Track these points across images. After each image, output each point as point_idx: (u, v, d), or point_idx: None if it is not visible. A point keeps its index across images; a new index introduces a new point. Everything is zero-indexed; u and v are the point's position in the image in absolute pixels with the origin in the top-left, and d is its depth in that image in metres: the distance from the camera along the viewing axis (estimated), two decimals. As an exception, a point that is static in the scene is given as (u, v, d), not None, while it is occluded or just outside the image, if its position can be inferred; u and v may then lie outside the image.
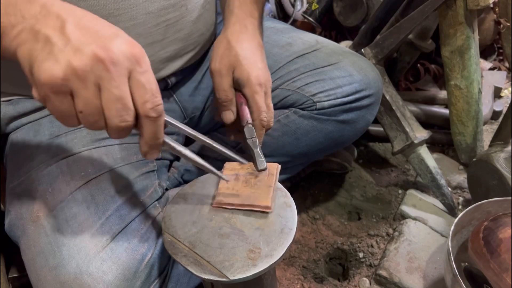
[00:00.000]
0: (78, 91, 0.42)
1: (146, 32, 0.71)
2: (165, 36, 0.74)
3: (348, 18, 1.42)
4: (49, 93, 0.42)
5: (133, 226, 0.65)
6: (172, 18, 0.73)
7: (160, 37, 0.73)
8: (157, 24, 0.71)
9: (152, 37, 0.72)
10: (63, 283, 0.61)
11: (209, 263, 0.48)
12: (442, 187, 1.06)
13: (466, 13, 0.97)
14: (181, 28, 0.76)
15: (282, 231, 0.51)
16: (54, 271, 0.61)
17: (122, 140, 0.76)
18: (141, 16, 0.69)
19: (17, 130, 0.77)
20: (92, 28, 0.43)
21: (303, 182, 1.22)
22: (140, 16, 0.69)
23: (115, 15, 0.66)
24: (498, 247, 0.75)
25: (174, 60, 0.79)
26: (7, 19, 0.43)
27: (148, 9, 0.69)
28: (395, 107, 1.07)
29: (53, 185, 0.67)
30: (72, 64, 0.41)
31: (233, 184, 0.58)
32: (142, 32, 0.70)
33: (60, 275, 0.61)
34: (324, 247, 1.05)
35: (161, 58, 0.76)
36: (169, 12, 0.72)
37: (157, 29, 0.72)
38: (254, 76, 0.68)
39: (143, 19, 0.69)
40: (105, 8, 0.64)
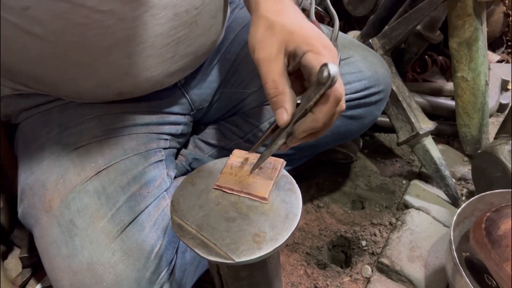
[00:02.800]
0: None
1: (156, 53, 0.68)
2: (176, 53, 0.71)
3: (357, 8, 1.42)
4: None
5: (142, 217, 0.67)
6: (183, 36, 0.70)
7: (170, 55, 0.71)
8: (167, 44, 0.68)
9: (162, 57, 0.70)
10: (76, 272, 0.63)
11: (216, 246, 0.49)
12: (446, 178, 1.07)
13: (475, 4, 0.97)
14: (191, 43, 0.73)
15: (287, 217, 0.53)
16: (67, 260, 0.63)
17: (131, 131, 0.77)
18: (150, 40, 0.66)
19: (26, 120, 0.78)
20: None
21: (308, 170, 1.23)
22: (150, 40, 0.66)
23: (124, 42, 0.63)
24: (499, 237, 0.76)
25: (186, 70, 0.78)
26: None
27: (157, 32, 0.66)
28: (401, 98, 1.08)
29: (65, 175, 0.69)
30: None
31: (237, 170, 0.59)
32: (151, 54, 0.68)
33: (73, 265, 0.63)
34: (328, 235, 1.07)
35: (171, 72, 0.74)
36: (179, 31, 0.69)
37: (167, 48, 0.69)
38: (314, 37, 0.52)
39: (153, 41, 0.66)
40: (113, 36, 0.62)
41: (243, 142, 0.91)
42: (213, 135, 0.94)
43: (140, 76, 0.70)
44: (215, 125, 0.96)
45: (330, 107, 0.49)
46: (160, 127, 0.82)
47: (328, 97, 0.48)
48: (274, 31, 0.54)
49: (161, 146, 0.81)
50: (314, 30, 0.54)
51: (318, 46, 0.51)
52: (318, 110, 0.49)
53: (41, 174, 0.71)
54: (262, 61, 0.53)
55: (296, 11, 0.58)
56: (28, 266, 0.94)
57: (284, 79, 0.52)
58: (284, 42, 0.53)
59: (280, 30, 0.53)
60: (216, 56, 0.88)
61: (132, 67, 0.67)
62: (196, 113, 0.92)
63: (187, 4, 0.67)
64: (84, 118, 0.75)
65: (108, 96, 0.74)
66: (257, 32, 0.56)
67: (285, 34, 0.53)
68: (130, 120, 0.78)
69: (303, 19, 0.57)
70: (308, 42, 0.51)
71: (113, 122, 0.76)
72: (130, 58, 0.66)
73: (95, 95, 0.73)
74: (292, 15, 0.56)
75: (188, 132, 0.93)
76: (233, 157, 0.61)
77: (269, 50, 0.53)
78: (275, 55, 0.53)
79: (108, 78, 0.68)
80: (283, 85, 0.51)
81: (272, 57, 0.53)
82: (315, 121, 0.50)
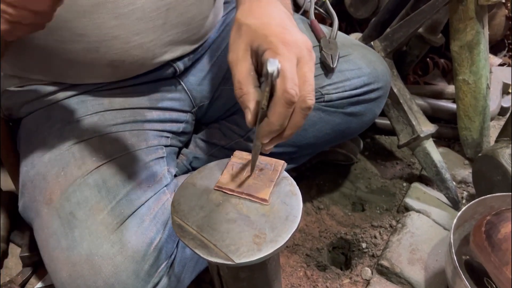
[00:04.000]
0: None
1: (146, 17, 0.69)
2: (167, 20, 0.72)
3: (359, 10, 1.42)
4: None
5: (142, 210, 0.67)
6: (173, 2, 0.71)
7: (161, 21, 0.72)
8: (157, 9, 0.70)
9: (152, 22, 0.70)
10: (74, 264, 0.63)
11: (216, 247, 0.49)
12: (447, 181, 1.07)
13: (477, 8, 0.97)
14: (183, 11, 0.74)
15: (287, 218, 0.53)
16: (66, 252, 0.64)
17: (132, 127, 0.77)
18: (139, 1, 0.67)
19: (29, 115, 0.79)
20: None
21: (309, 172, 1.23)
22: (138, 1, 0.67)
23: (112, 1, 0.65)
24: (499, 241, 0.77)
25: (177, 43, 0.78)
26: None
27: None
28: (403, 101, 1.08)
29: (66, 169, 0.69)
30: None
31: (237, 171, 0.59)
32: (141, 16, 0.69)
33: (72, 256, 0.63)
34: (328, 236, 1.07)
35: (164, 42, 0.75)
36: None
37: (158, 13, 0.70)
38: (275, 34, 0.51)
39: (142, 3, 0.67)
40: None
41: (243, 141, 0.91)
42: (214, 134, 0.95)
43: (130, 42, 0.70)
44: (215, 125, 0.96)
45: (281, 109, 0.47)
46: (161, 124, 0.83)
47: (277, 98, 0.47)
48: (241, 32, 0.54)
49: (162, 143, 0.81)
50: (279, 27, 0.52)
51: (277, 43, 0.49)
52: (271, 112, 0.47)
53: (42, 167, 0.71)
54: (231, 63, 0.54)
55: (272, 8, 0.57)
56: (29, 265, 0.94)
57: (249, 79, 0.51)
58: (249, 42, 0.52)
59: (245, 31, 0.53)
60: (216, 53, 0.89)
61: (120, 29, 0.68)
62: (197, 111, 0.92)
63: None
64: (86, 114, 0.76)
65: (100, 65, 0.72)
66: (230, 36, 0.56)
67: (249, 34, 0.53)
68: (131, 116, 0.78)
69: (276, 16, 0.55)
70: (268, 40, 0.50)
71: (114, 118, 0.77)
72: (118, 19, 0.66)
73: (87, 64, 0.72)
74: (262, 14, 0.55)
75: (189, 131, 0.93)
76: (234, 158, 0.61)
77: (236, 52, 0.53)
78: (242, 56, 0.52)
79: (97, 41, 0.68)
80: (247, 86, 0.51)
81: (239, 58, 0.52)
82: (270, 125, 0.48)
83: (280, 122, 0.48)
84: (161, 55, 0.76)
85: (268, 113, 0.48)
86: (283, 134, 0.51)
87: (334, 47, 0.86)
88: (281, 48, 0.49)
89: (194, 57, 0.86)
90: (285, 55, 0.49)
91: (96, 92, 0.78)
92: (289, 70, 0.47)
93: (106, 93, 0.78)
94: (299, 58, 0.50)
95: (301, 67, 0.50)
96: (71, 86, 0.77)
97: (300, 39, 0.52)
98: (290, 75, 0.47)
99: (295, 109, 0.49)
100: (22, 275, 0.93)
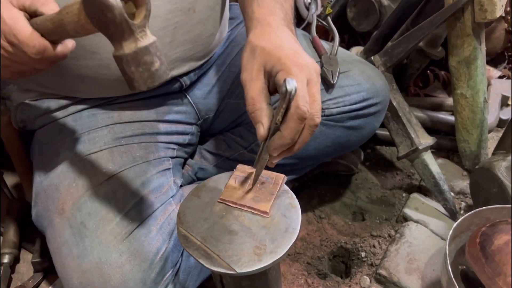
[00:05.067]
0: None
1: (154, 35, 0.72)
2: (174, 38, 0.76)
3: (361, 23, 1.45)
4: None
5: (150, 221, 0.71)
6: (180, 21, 0.75)
7: (169, 39, 0.75)
8: (164, 27, 0.73)
9: (160, 40, 0.71)
10: (85, 271, 0.66)
11: (219, 257, 0.52)
12: (445, 192, 1.10)
13: (474, 25, 1.00)
14: (189, 30, 0.77)
15: (287, 230, 0.56)
16: (77, 260, 0.67)
17: (140, 140, 0.81)
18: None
19: (42, 128, 0.82)
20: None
21: (310, 182, 1.26)
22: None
23: None
24: (493, 252, 0.79)
25: (184, 60, 0.81)
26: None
27: (154, 13, 0.68)
28: (402, 114, 1.11)
29: (77, 180, 0.73)
30: None
31: (240, 184, 0.62)
32: None
33: (83, 264, 0.66)
34: (328, 245, 1.09)
35: (171, 58, 0.78)
36: (177, 16, 0.74)
37: (165, 31, 0.74)
38: (288, 57, 0.56)
39: (150, 22, 0.69)
40: None
41: (247, 153, 0.94)
42: (218, 145, 0.98)
43: None
44: (220, 136, 0.99)
45: (294, 124, 0.52)
46: (168, 136, 0.86)
47: (291, 114, 0.51)
48: (255, 54, 0.58)
49: (168, 155, 0.85)
50: (292, 51, 0.57)
51: (290, 65, 0.54)
52: (284, 127, 0.53)
53: (55, 178, 0.75)
54: (244, 82, 0.58)
55: (282, 33, 0.62)
56: (40, 270, 0.97)
57: (262, 96, 0.56)
58: (262, 63, 0.57)
59: (259, 53, 0.58)
60: (221, 68, 0.92)
61: None
62: (203, 123, 0.95)
63: None
64: (97, 127, 0.79)
65: (110, 80, 0.76)
66: (243, 57, 0.61)
67: (263, 56, 0.57)
68: (139, 129, 0.82)
69: (286, 41, 0.60)
70: (282, 62, 0.55)
71: (124, 131, 0.80)
72: None
73: (98, 79, 0.76)
74: (274, 38, 0.60)
75: (195, 142, 0.96)
76: (237, 171, 0.64)
77: (250, 72, 0.58)
78: (255, 76, 0.57)
79: (108, 59, 0.71)
80: (261, 102, 0.55)
81: (253, 78, 0.57)
82: (282, 138, 0.53)
83: (292, 136, 0.53)
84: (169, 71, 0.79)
85: (281, 128, 0.53)
86: (293, 148, 0.56)
87: (335, 64, 0.90)
88: (294, 69, 0.54)
89: (200, 72, 0.90)
90: (298, 76, 0.54)
91: (106, 106, 0.82)
92: (301, 89, 0.52)
93: (115, 107, 0.82)
94: (309, 79, 0.56)
95: (310, 87, 0.55)
96: (83, 100, 0.81)
97: (310, 62, 0.58)
98: (302, 94, 0.52)
99: (304, 126, 0.54)
100: (33, 280, 0.96)
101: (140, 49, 0.48)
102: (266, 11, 0.65)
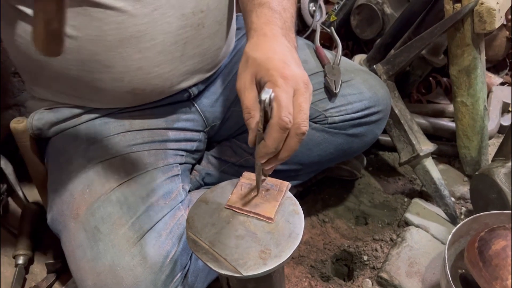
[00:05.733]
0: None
1: (166, 50, 0.76)
2: (184, 52, 0.79)
3: (364, 31, 1.48)
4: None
5: (160, 225, 0.74)
6: (190, 36, 0.78)
7: (179, 54, 0.79)
8: (175, 42, 0.77)
9: (171, 54, 0.78)
10: (99, 274, 0.69)
11: (226, 260, 0.55)
12: (445, 197, 1.12)
13: (473, 35, 1.03)
14: (199, 44, 0.81)
15: (290, 235, 0.58)
16: (91, 263, 0.70)
17: (150, 147, 0.84)
18: (160, 36, 0.74)
19: (57, 135, 0.86)
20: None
21: (314, 187, 1.29)
22: (159, 36, 0.74)
23: (136, 37, 0.72)
24: (490, 257, 0.81)
25: (193, 73, 0.85)
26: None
27: (166, 30, 0.74)
28: (403, 121, 1.13)
29: (91, 186, 0.76)
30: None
31: (246, 191, 0.65)
32: (161, 50, 0.76)
33: (97, 267, 0.70)
34: (332, 249, 1.12)
35: (181, 72, 0.82)
36: (187, 31, 0.77)
37: (176, 46, 0.77)
38: (275, 68, 0.58)
39: (162, 38, 0.75)
40: (126, 31, 0.71)
41: (252, 158, 0.97)
42: (224, 151, 1.01)
43: (152, 72, 0.78)
44: (226, 142, 1.03)
45: (276, 134, 0.54)
46: (177, 143, 0.90)
47: (273, 124, 0.54)
48: (248, 64, 0.62)
49: (177, 161, 0.88)
50: (281, 62, 0.59)
51: (276, 76, 0.57)
52: (267, 136, 0.55)
53: (69, 184, 0.78)
54: (239, 91, 0.61)
55: (276, 43, 0.64)
56: (53, 271, 1.01)
57: (256, 105, 0.59)
58: (254, 73, 0.60)
59: (251, 63, 0.61)
60: (228, 77, 0.96)
61: (143, 61, 0.75)
62: (210, 130, 0.99)
63: (193, 6, 0.76)
64: (109, 134, 0.83)
65: (123, 92, 0.80)
66: (240, 66, 0.64)
67: (254, 66, 0.60)
68: (149, 137, 0.85)
69: (278, 52, 0.62)
70: (269, 73, 0.58)
71: (135, 139, 0.83)
72: (142, 53, 0.74)
73: (111, 91, 0.79)
74: (267, 49, 0.62)
75: (202, 149, 1.00)
76: (243, 178, 0.67)
77: (243, 81, 0.61)
78: (248, 85, 0.60)
79: (122, 72, 0.76)
80: (254, 110, 0.59)
81: (246, 87, 0.60)
82: (266, 147, 0.56)
83: (275, 145, 0.56)
84: (178, 84, 0.83)
85: (265, 137, 0.56)
86: (278, 156, 0.58)
87: (338, 73, 0.93)
88: (280, 81, 0.57)
89: (208, 82, 0.93)
90: (283, 87, 0.56)
91: (118, 115, 0.85)
92: (284, 100, 0.55)
93: (126, 116, 0.85)
94: (296, 90, 0.58)
95: (297, 98, 0.58)
96: (95, 109, 0.85)
97: (298, 73, 0.60)
98: (285, 105, 0.54)
99: (290, 135, 0.56)
100: (47, 280, 0.99)
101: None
102: (264, 21, 0.68)
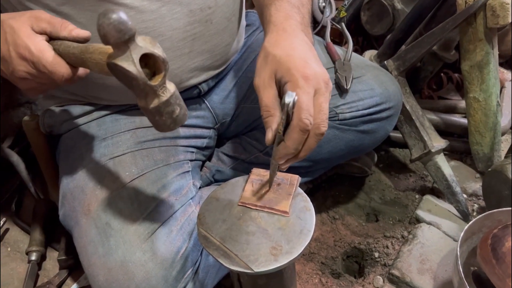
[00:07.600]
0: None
1: (174, 46, 0.77)
2: (192, 48, 0.79)
3: (375, 27, 1.47)
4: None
5: (170, 221, 0.74)
6: (198, 33, 0.78)
7: (187, 50, 0.79)
8: (183, 39, 0.77)
9: (180, 50, 0.78)
10: (110, 269, 0.70)
11: (237, 256, 0.55)
12: (457, 194, 1.11)
13: (486, 30, 1.02)
14: (207, 40, 0.81)
15: (301, 232, 0.58)
16: (103, 258, 0.71)
17: (161, 143, 0.84)
18: (168, 32, 0.75)
19: (68, 132, 0.86)
20: None
21: (324, 183, 1.29)
22: (167, 32, 0.75)
23: (144, 33, 0.72)
24: (503, 254, 0.81)
25: (202, 69, 0.85)
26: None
27: (174, 26, 0.75)
28: (415, 117, 1.13)
29: (102, 182, 0.76)
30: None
31: (258, 187, 0.65)
32: (170, 46, 0.76)
33: (108, 262, 0.70)
34: (342, 246, 1.12)
35: (189, 68, 0.82)
36: (195, 27, 0.77)
37: (184, 43, 0.78)
38: (296, 68, 0.58)
39: (170, 34, 0.75)
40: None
41: (262, 155, 0.97)
42: (234, 148, 1.01)
43: None
44: (236, 139, 1.03)
45: (297, 135, 0.55)
46: (187, 140, 0.90)
47: (293, 126, 0.54)
48: (267, 61, 0.61)
49: (188, 158, 0.88)
50: (302, 61, 0.59)
51: (297, 77, 0.57)
52: (288, 137, 0.56)
53: (80, 180, 0.79)
54: (257, 87, 0.61)
55: (296, 39, 0.63)
56: (65, 267, 1.02)
57: (275, 104, 0.58)
58: (273, 71, 0.60)
59: (271, 60, 0.60)
60: (238, 73, 0.96)
61: None
62: (220, 127, 0.99)
63: (201, 2, 0.76)
64: (120, 131, 0.83)
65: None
66: (257, 61, 0.63)
67: (274, 64, 0.60)
68: (160, 133, 0.85)
69: (298, 49, 0.61)
70: (290, 73, 0.57)
71: (145, 135, 0.84)
72: None
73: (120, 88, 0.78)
74: (287, 46, 0.62)
75: (212, 146, 1.00)
76: (253, 175, 0.67)
77: (262, 78, 0.60)
78: (267, 83, 0.60)
79: None
80: (274, 109, 0.58)
81: (265, 84, 0.60)
82: (286, 148, 0.56)
83: (295, 146, 0.56)
84: (187, 80, 0.83)
85: (285, 138, 0.56)
86: (298, 156, 0.59)
87: (348, 69, 0.92)
88: (301, 82, 0.57)
89: (217, 78, 0.93)
90: (304, 88, 0.56)
91: (129, 112, 0.85)
92: (305, 102, 0.55)
93: (137, 112, 0.86)
94: (317, 90, 0.58)
95: (317, 98, 0.58)
96: (106, 106, 0.85)
97: (319, 72, 0.59)
98: (306, 107, 0.55)
99: (309, 135, 0.57)
100: (59, 276, 1.00)
101: (162, 103, 0.51)
102: (283, 15, 0.67)
